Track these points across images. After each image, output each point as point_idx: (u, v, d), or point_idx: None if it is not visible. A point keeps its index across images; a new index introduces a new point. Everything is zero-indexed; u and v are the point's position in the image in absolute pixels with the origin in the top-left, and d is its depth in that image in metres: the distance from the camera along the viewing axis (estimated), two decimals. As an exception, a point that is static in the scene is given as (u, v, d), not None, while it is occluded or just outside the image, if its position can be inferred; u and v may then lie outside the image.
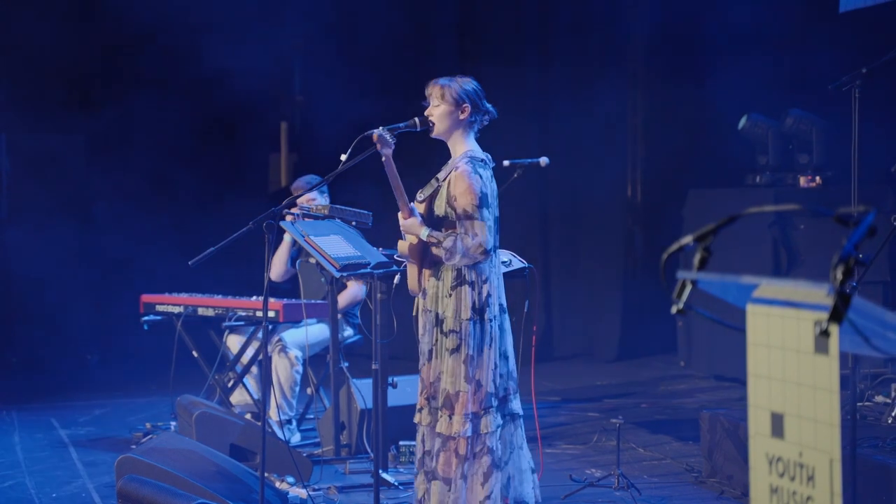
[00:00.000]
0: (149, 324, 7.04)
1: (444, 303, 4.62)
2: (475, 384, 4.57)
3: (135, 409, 8.00)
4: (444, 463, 4.59)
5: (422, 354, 4.73)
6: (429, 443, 4.67)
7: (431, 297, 4.67)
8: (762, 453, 2.47)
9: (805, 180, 8.12)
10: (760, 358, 2.47)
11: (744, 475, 5.64)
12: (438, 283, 4.64)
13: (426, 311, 4.69)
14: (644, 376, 9.13)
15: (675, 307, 2.53)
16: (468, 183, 4.54)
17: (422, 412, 4.69)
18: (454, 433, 4.55)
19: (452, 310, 4.58)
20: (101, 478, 6.14)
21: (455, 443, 4.57)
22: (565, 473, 6.06)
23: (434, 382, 4.64)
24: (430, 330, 4.68)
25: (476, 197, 4.53)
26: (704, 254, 2.54)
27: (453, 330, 4.58)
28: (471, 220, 4.53)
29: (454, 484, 4.58)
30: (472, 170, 4.58)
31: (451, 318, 4.58)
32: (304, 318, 6.46)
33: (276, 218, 4.87)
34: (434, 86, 4.75)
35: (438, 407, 4.61)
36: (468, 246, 4.51)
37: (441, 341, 4.62)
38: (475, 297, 4.58)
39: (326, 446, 6.52)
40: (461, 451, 4.57)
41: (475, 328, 4.57)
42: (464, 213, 4.55)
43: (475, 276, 4.59)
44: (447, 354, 4.59)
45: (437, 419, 4.62)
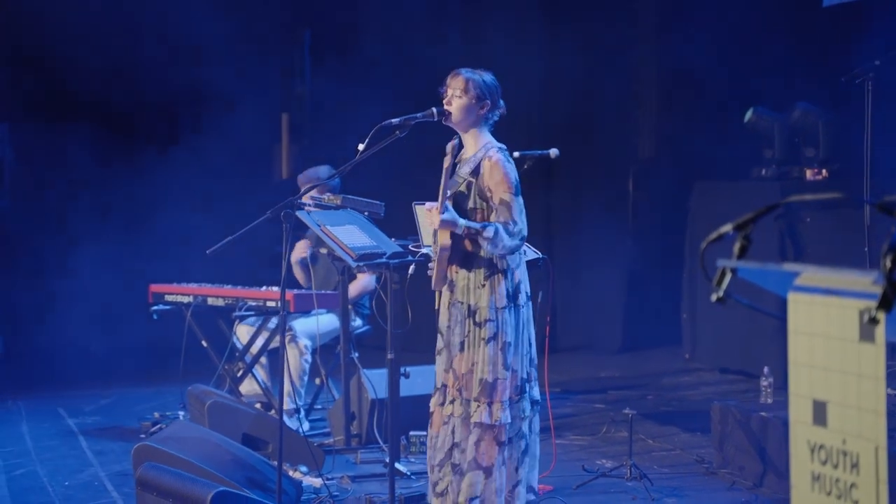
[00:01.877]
0: (158, 313, 7.04)
1: (476, 293, 4.63)
2: (512, 371, 4.62)
3: (140, 399, 8.01)
4: (486, 452, 4.61)
5: (448, 346, 4.73)
6: (459, 434, 4.67)
7: (462, 288, 4.68)
8: (803, 441, 2.48)
9: (811, 173, 8.12)
10: (802, 346, 2.48)
11: (755, 466, 5.67)
12: (470, 275, 4.66)
13: (455, 304, 4.69)
14: (648, 368, 9.15)
15: (714, 295, 2.54)
16: (503, 172, 4.59)
17: (454, 404, 4.69)
18: (495, 421, 4.59)
19: (487, 299, 4.61)
20: (111, 466, 6.14)
21: (494, 431, 4.60)
22: (576, 464, 6.08)
23: (466, 374, 4.65)
24: (461, 321, 4.68)
25: (512, 185, 4.59)
26: (744, 242, 2.55)
27: (489, 319, 4.60)
28: (509, 208, 4.57)
29: (496, 472, 4.62)
30: (504, 158, 4.64)
31: (485, 307, 4.60)
32: (316, 308, 6.46)
33: (294, 207, 4.88)
34: (457, 77, 4.76)
35: (472, 398, 4.62)
36: (512, 232, 4.55)
37: (474, 332, 4.63)
38: (508, 285, 4.62)
39: (337, 436, 6.54)
40: (501, 438, 4.62)
41: (510, 315, 4.62)
42: (501, 201, 4.58)
43: (507, 265, 4.64)
44: (483, 344, 4.61)
45: (470, 410, 4.63)
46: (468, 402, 4.64)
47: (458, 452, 4.67)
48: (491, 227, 4.55)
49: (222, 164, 10.03)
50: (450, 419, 4.70)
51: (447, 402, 4.72)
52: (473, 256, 4.65)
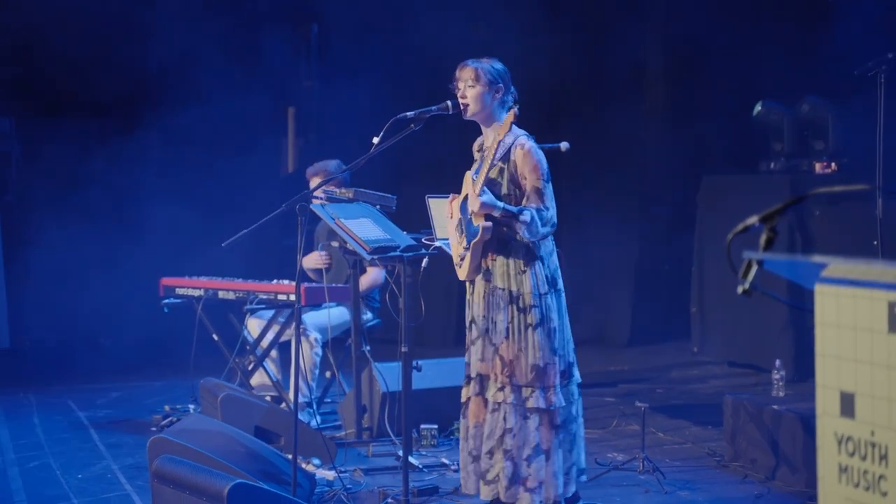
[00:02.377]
0: (169, 307, 7.04)
1: (518, 279, 4.68)
2: (559, 356, 4.70)
3: (151, 392, 8.01)
4: (544, 436, 4.69)
5: (486, 335, 4.75)
6: (511, 420, 4.70)
7: (502, 275, 4.71)
8: (831, 433, 2.48)
9: (820, 167, 8.13)
10: (829, 338, 2.48)
11: (768, 459, 5.68)
12: (508, 261, 4.70)
13: (495, 291, 4.72)
14: (656, 362, 9.15)
15: (741, 287, 2.54)
16: (536, 160, 4.68)
17: (504, 390, 4.71)
18: (550, 405, 4.66)
19: (531, 285, 4.66)
20: (124, 459, 6.15)
21: (550, 415, 4.68)
22: (588, 457, 6.03)
23: (513, 360, 4.68)
24: (504, 308, 4.71)
25: (544, 173, 4.69)
26: (770, 234, 2.55)
27: (534, 305, 4.66)
28: (541, 195, 4.65)
29: (554, 455, 4.70)
30: (535, 146, 4.69)
31: (528, 293, 4.66)
32: (327, 302, 6.46)
33: (308, 200, 4.88)
34: (465, 68, 4.79)
35: (524, 384, 4.66)
36: (546, 219, 4.62)
37: (519, 318, 4.67)
38: (547, 272, 4.71)
39: (348, 429, 6.55)
40: (556, 422, 4.70)
41: (553, 301, 4.70)
42: (534, 188, 4.66)
43: (545, 251, 4.72)
44: (530, 330, 4.66)
45: (523, 396, 4.67)
46: (519, 389, 4.67)
47: (511, 438, 4.70)
48: (527, 212, 4.62)
49: (229, 157, 10.04)
50: (500, 406, 4.72)
51: (496, 390, 4.73)
52: (510, 243, 4.70)
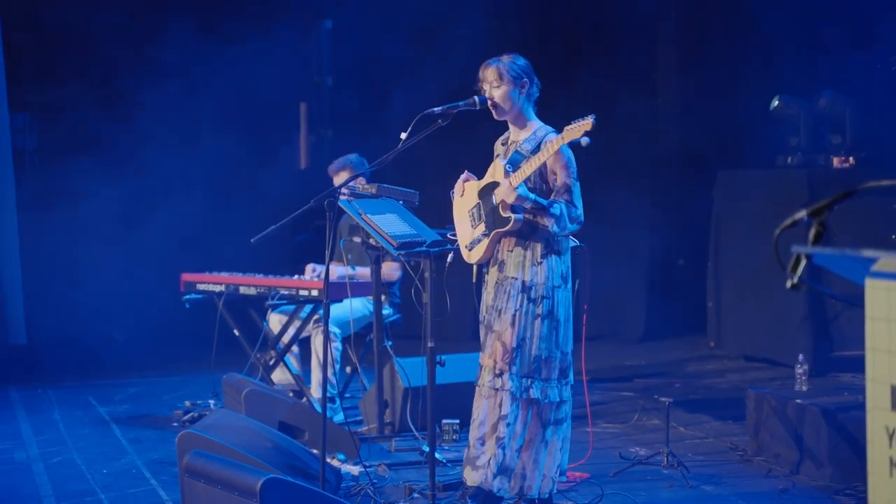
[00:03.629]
0: (190, 302, 7.06)
1: (533, 270, 4.72)
2: (561, 352, 4.74)
3: (169, 388, 8.03)
4: (532, 428, 4.71)
5: (493, 322, 4.77)
6: (507, 408, 4.73)
7: (517, 265, 4.75)
8: (881, 427, 2.49)
9: (838, 161, 8.12)
10: (880, 332, 2.48)
11: (792, 453, 5.68)
12: (526, 252, 4.75)
13: (507, 279, 4.75)
14: (672, 356, 9.16)
15: (789, 281, 2.54)
16: (566, 158, 4.74)
17: (502, 377, 4.73)
18: (545, 398, 4.70)
19: (544, 277, 4.71)
20: (147, 454, 6.17)
21: (540, 407, 4.71)
22: (610, 452, 6.10)
23: (517, 348, 4.68)
24: (514, 296, 4.74)
25: (573, 171, 4.74)
26: (819, 228, 2.55)
27: (545, 297, 4.71)
28: (570, 192, 4.72)
29: (537, 448, 4.72)
30: (566, 144, 4.67)
31: (541, 284, 4.71)
32: (350, 297, 6.47)
33: (336, 196, 4.90)
34: (488, 68, 4.82)
35: (525, 374, 4.68)
36: (574, 216, 4.69)
37: (528, 307, 4.70)
38: (562, 267, 4.75)
39: (370, 424, 6.55)
40: (544, 416, 4.72)
41: (563, 296, 4.74)
42: (564, 185, 4.73)
43: (562, 246, 4.78)
44: (538, 321, 4.69)
45: (522, 386, 4.69)
46: (519, 378, 4.69)
47: (504, 427, 4.70)
48: (557, 206, 4.67)
49: (242, 153, 10.05)
50: (497, 392, 4.73)
51: (494, 376, 4.75)
52: (531, 234, 4.74)
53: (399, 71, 9.98)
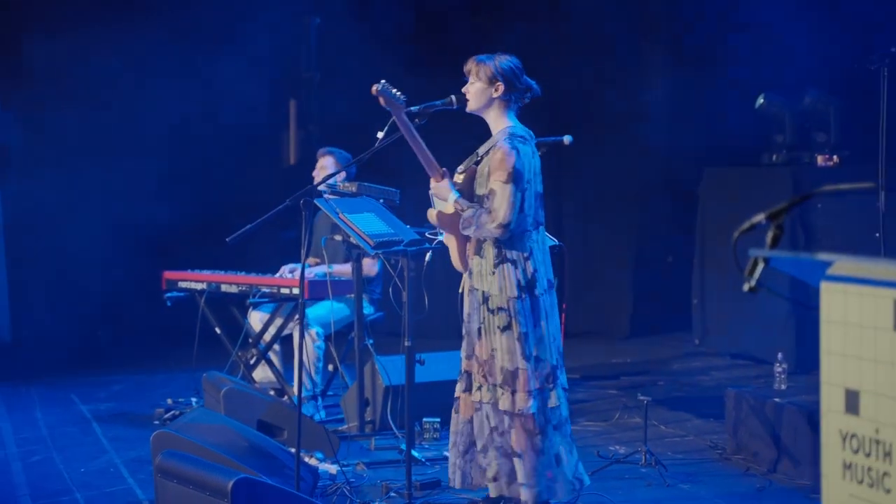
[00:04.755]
0: (171, 300, 7.05)
1: (488, 280, 4.66)
2: (534, 361, 4.63)
3: (153, 386, 8.02)
4: (517, 439, 4.65)
5: (469, 333, 4.77)
6: (494, 419, 4.71)
7: (476, 274, 4.72)
8: (835, 430, 2.49)
9: (822, 159, 8.12)
10: (835, 335, 2.48)
11: (770, 452, 5.69)
12: (482, 261, 4.70)
13: (473, 291, 4.73)
14: (658, 354, 9.16)
15: (747, 285, 2.54)
16: (502, 159, 4.58)
17: (481, 390, 4.73)
18: (518, 410, 4.61)
19: (498, 287, 4.63)
20: (127, 453, 6.16)
21: (522, 419, 4.63)
22: (590, 450, 6.09)
23: (488, 360, 4.68)
24: (476, 308, 4.72)
25: (506, 173, 4.56)
26: (777, 231, 2.56)
27: (501, 308, 4.63)
28: (493, 196, 4.58)
29: (525, 457, 4.65)
30: (509, 146, 4.61)
31: (497, 295, 4.63)
32: (330, 296, 6.47)
33: (313, 195, 4.89)
34: (471, 63, 4.79)
35: (498, 384, 4.65)
36: (484, 220, 4.56)
37: (489, 319, 4.66)
38: (519, 275, 4.63)
39: (350, 423, 6.55)
40: (528, 427, 4.64)
41: (524, 305, 4.62)
42: (490, 188, 4.60)
43: (517, 254, 4.64)
44: (499, 332, 4.64)
45: (497, 396, 4.66)
46: (495, 388, 4.67)
47: (498, 436, 4.70)
48: (470, 209, 4.61)
49: (231, 150, 10.03)
50: (481, 405, 4.73)
51: (475, 389, 4.74)
52: (483, 242, 4.69)
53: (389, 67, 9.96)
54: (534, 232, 4.67)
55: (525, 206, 4.60)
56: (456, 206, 4.67)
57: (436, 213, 4.77)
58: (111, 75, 9.73)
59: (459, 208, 4.66)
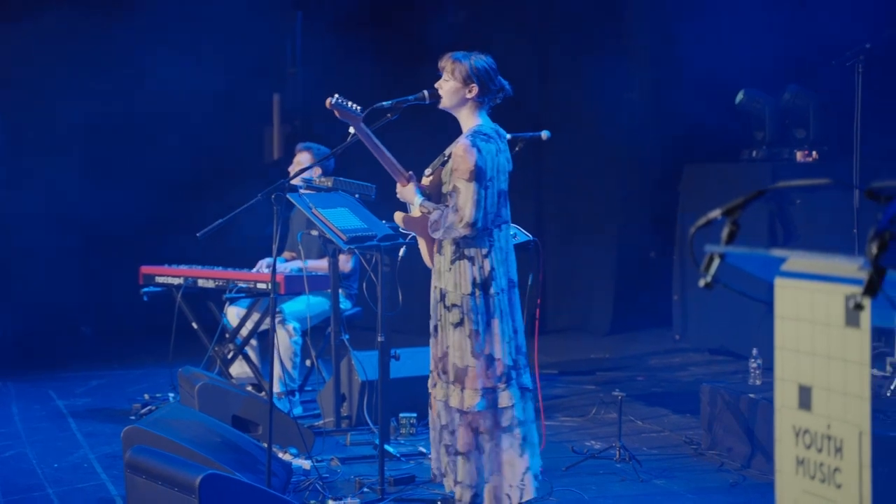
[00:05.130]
0: (148, 295, 7.04)
1: (445, 277, 4.66)
2: (486, 359, 4.59)
3: (131, 381, 8.00)
4: (462, 438, 4.62)
5: (433, 329, 4.76)
6: (445, 417, 4.70)
7: (436, 271, 4.72)
8: (789, 425, 2.49)
9: (802, 155, 8.14)
10: (788, 331, 2.49)
11: (744, 447, 5.70)
12: (441, 258, 4.69)
13: (434, 288, 4.73)
14: (638, 350, 9.17)
15: (702, 280, 2.54)
16: (463, 156, 4.54)
17: (435, 387, 4.73)
18: (466, 408, 4.58)
19: (453, 284, 4.62)
20: (101, 448, 6.14)
21: (469, 417, 4.60)
22: (566, 445, 6.10)
23: (442, 357, 4.67)
24: (435, 305, 4.72)
25: (468, 171, 4.52)
26: (733, 227, 2.55)
27: (455, 304, 4.61)
28: (457, 195, 4.53)
29: (469, 456, 4.62)
30: (470, 143, 4.57)
31: (452, 292, 4.62)
32: (307, 291, 6.46)
33: (285, 190, 4.88)
34: (446, 59, 4.75)
35: (451, 381, 4.64)
36: (451, 221, 4.53)
37: (445, 316, 4.66)
38: (475, 272, 4.59)
39: (327, 418, 6.55)
40: (475, 425, 4.61)
41: (477, 303, 4.59)
42: (454, 187, 4.56)
43: (474, 251, 4.60)
44: (451, 329, 4.63)
45: (448, 393, 4.65)
46: (447, 385, 4.66)
47: (448, 434, 4.68)
48: (436, 212, 4.59)
49: (214, 145, 10.01)
50: (435, 402, 4.74)
51: (432, 385, 4.75)
52: (442, 240, 4.67)
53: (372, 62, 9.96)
54: (495, 230, 4.62)
55: (487, 204, 4.55)
56: (422, 210, 4.65)
57: (402, 216, 4.75)
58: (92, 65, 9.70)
59: (426, 211, 4.64)
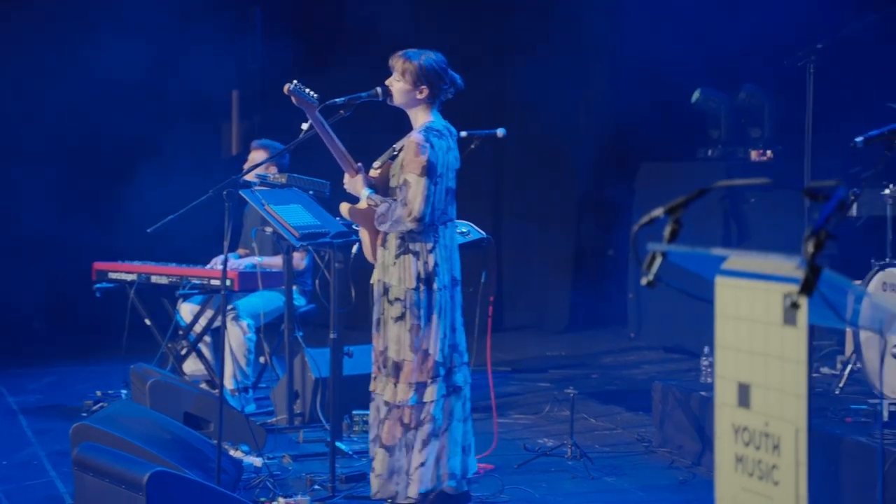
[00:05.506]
0: (101, 291, 6.98)
1: (389, 271, 4.66)
2: (422, 353, 4.60)
3: (84, 377, 7.95)
4: (388, 430, 4.63)
5: (374, 324, 4.75)
6: (383, 410, 4.70)
7: (380, 265, 4.72)
8: (728, 423, 2.51)
9: (756, 154, 8.20)
10: (728, 329, 2.50)
11: (694, 445, 5.73)
12: (385, 252, 4.69)
13: (377, 281, 4.73)
14: (593, 347, 9.20)
15: (645, 279, 2.56)
16: (416, 152, 4.56)
17: (376, 380, 4.73)
18: (399, 401, 4.60)
19: (397, 278, 4.62)
20: (52, 445, 6.09)
21: (400, 411, 4.61)
22: (518, 443, 6.11)
23: (383, 351, 4.68)
24: (378, 299, 4.73)
25: (420, 166, 4.54)
26: (675, 226, 2.57)
27: (398, 298, 4.62)
28: (407, 189, 4.55)
29: (396, 451, 4.63)
30: (423, 139, 4.59)
31: (395, 286, 4.63)
32: (260, 287, 6.44)
33: (237, 186, 4.86)
34: (397, 59, 4.75)
35: (387, 375, 4.65)
36: (399, 214, 4.54)
37: (387, 310, 4.66)
38: (419, 267, 4.60)
39: (280, 415, 6.53)
40: (405, 420, 4.62)
41: (420, 297, 4.60)
42: (404, 181, 4.58)
43: (419, 246, 4.61)
44: (392, 323, 4.64)
45: (384, 387, 4.66)
46: (385, 379, 4.67)
47: (383, 429, 4.69)
48: (384, 205, 4.59)
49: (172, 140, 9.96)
50: (375, 395, 4.74)
51: (372, 379, 4.76)
52: (387, 234, 4.67)
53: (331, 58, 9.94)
54: (441, 227, 4.64)
55: (436, 200, 4.57)
56: (369, 202, 4.66)
57: (348, 208, 4.74)
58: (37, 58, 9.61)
59: (373, 204, 4.64)
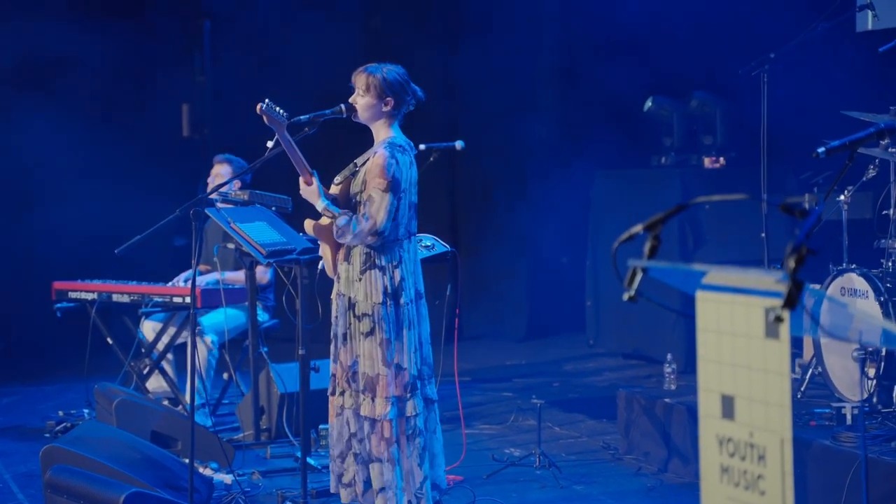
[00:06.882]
0: (62, 311, 6.94)
1: (354, 286, 4.67)
2: (395, 368, 4.63)
3: (45, 398, 7.89)
4: (376, 445, 4.65)
5: (335, 338, 4.77)
6: (354, 425, 4.72)
7: (344, 280, 4.72)
8: (712, 434, 2.57)
9: (709, 161, 8.31)
10: (710, 343, 2.56)
11: (660, 451, 5.81)
12: (349, 267, 4.70)
13: (340, 295, 4.73)
14: (553, 355, 9.26)
15: (626, 294, 2.61)
16: (382, 167, 4.58)
17: (343, 395, 4.74)
18: (378, 416, 4.62)
19: (364, 293, 4.64)
20: (16, 467, 6.05)
21: (379, 426, 4.64)
22: (485, 453, 6.15)
23: (352, 366, 4.69)
24: (343, 313, 4.73)
25: (385, 181, 4.57)
26: (654, 242, 2.62)
27: (366, 314, 4.64)
28: (370, 202, 4.58)
29: (384, 464, 4.65)
30: (389, 154, 4.61)
31: (362, 301, 4.64)
32: (224, 304, 6.43)
33: (203, 205, 4.86)
34: (360, 74, 4.77)
35: (361, 390, 4.67)
36: (361, 228, 4.56)
37: (355, 325, 4.67)
38: (386, 282, 4.63)
39: (246, 431, 6.53)
40: (386, 434, 4.64)
41: (388, 312, 4.62)
42: (368, 195, 4.60)
43: (385, 261, 4.64)
44: (362, 338, 4.65)
45: (359, 402, 4.68)
46: (357, 394, 4.69)
47: (357, 442, 4.70)
48: (343, 217, 4.60)
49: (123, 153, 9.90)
50: (342, 410, 4.75)
51: (338, 394, 4.76)
52: (352, 248, 4.69)
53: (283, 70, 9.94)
54: (405, 241, 4.67)
55: (398, 216, 4.61)
56: (325, 213, 4.67)
57: (312, 224, 4.75)
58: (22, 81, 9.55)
59: (329, 214, 4.65)
